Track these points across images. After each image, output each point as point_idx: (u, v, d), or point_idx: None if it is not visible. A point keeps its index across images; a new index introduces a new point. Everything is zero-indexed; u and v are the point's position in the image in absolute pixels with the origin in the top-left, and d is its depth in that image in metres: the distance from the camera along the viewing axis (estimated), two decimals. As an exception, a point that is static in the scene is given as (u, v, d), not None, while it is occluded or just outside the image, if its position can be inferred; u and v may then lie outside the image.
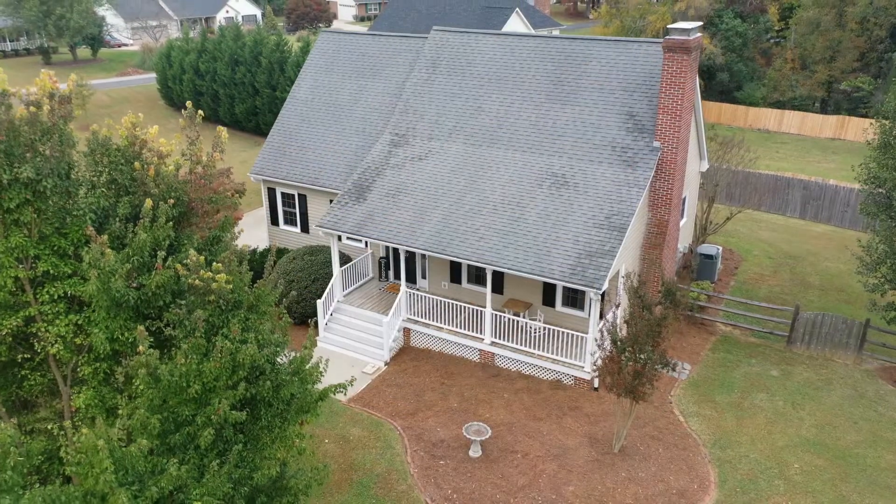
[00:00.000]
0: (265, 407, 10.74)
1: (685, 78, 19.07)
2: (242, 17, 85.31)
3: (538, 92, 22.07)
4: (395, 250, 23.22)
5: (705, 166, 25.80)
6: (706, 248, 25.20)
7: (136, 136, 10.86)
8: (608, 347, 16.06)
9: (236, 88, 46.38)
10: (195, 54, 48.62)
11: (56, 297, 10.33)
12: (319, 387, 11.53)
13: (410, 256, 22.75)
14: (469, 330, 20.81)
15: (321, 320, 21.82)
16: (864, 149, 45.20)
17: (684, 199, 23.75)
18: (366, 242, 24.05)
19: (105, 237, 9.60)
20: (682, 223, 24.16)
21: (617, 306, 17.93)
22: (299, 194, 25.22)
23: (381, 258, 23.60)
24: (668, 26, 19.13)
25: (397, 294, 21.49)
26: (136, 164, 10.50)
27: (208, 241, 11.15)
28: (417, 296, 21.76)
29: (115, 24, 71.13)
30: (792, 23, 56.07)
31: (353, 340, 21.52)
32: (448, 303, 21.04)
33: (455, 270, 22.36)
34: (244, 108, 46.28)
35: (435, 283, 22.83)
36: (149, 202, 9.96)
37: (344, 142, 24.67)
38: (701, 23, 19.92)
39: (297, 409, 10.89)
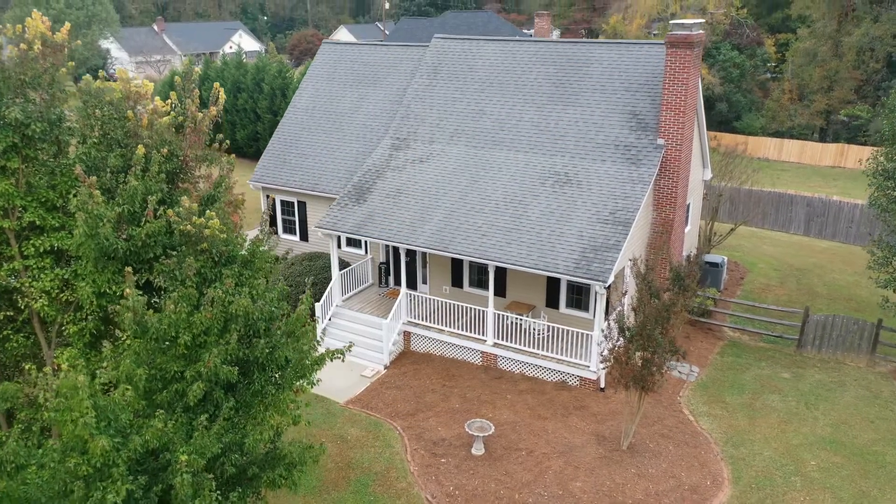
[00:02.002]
0: (259, 371, 10.22)
1: (688, 74, 18.96)
2: (246, 53, 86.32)
3: (540, 94, 21.97)
4: (396, 255, 22.84)
5: (708, 175, 25.57)
6: (711, 258, 24.82)
7: (131, 90, 10.58)
8: (616, 337, 15.54)
9: (238, 115, 46.53)
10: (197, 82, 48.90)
11: (42, 250, 9.90)
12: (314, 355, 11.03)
13: (411, 261, 22.35)
14: (471, 332, 20.29)
15: (319, 325, 21.31)
16: (865, 176, 45.27)
17: (688, 205, 23.45)
18: (365, 248, 23.69)
19: (94, 178, 9.22)
20: (686, 230, 23.82)
21: (624, 294, 17.46)
22: (298, 201, 24.93)
23: (381, 263, 23.19)
24: (671, 22, 19.11)
25: (397, 299, 21.00)
26: (130, 113, 10.19)
27: (203, 200, 10.77)
28: (418, 298, 21.29)
29: (119, 58, 71.94)
30: (789, 55, 56.69)
31: (351, 345, 20.92)
32: (449, 304, 20.55)
33: (456, 274, 21.93)
34: (245, 134, 46.38)
35: (436, 287, 22.37)
36: (141, 148, 9.61)
37: (344, 148, 24.50)
38: (703, 20, 19.91)
39: (293, 374, 10.36)
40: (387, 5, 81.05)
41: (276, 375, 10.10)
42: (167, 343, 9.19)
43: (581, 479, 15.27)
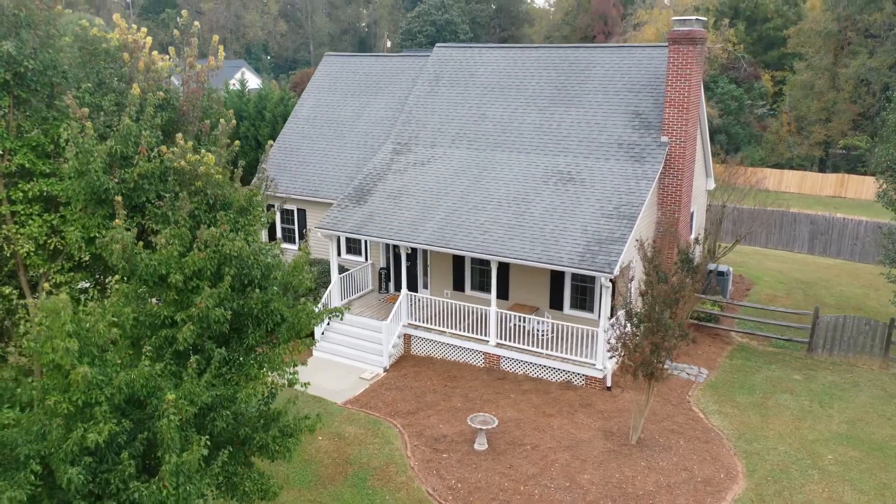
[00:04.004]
0: (254, 325, 9.76)
1: (691, 70, 18.89)
2: (249, 89, 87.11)
3: (542, 97, 21.90)
4: (396, 260, 22.46)
5: (712, 184, 25.39)
6: (717, 268, 24.40)
7: (128, 40, 10.35)
8: (623, 324, 15.08)
9: (239, 143, 46.57)
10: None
11: (32, 196, 9.52)
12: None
13: (412, 265, 21.98)
14: (473, 332, 19.77)
15: (317, 329, 20.81)
16: (867, 205, 45.16)
17: (692, 213, 23.16)
18: (365, 256, 23.32)
19: (86, 110, 8.91)
20: (691, 238, 23.47)
21: (631, 280, 17.01)
22: (298, 209, 24.66)
23: (381, 269, 22.80)
24: (673, 19, 19.14)
25: (397, 300, 20.52)
26: (126, 55, 9.94)
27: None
28: (418, 299, 20.83)
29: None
30: (786, 88, 57.23)
31: (350, 348, 20.41)
32: (450, 304, 20.08)
33: (458, 277, 21.53)
34: (247, 162, 46.15)
35: (437, 292, 21.93)
36: (136, 88, 9.32)
37: (345, 155, 24.34)
38: (705, 19, 19.96)
39: (289, 330, 9.89)
40: (388, 44, 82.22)
41: (271, 328, 9.63)
42: (157, 284, 8.76)
43: (589, 472, 14.62)
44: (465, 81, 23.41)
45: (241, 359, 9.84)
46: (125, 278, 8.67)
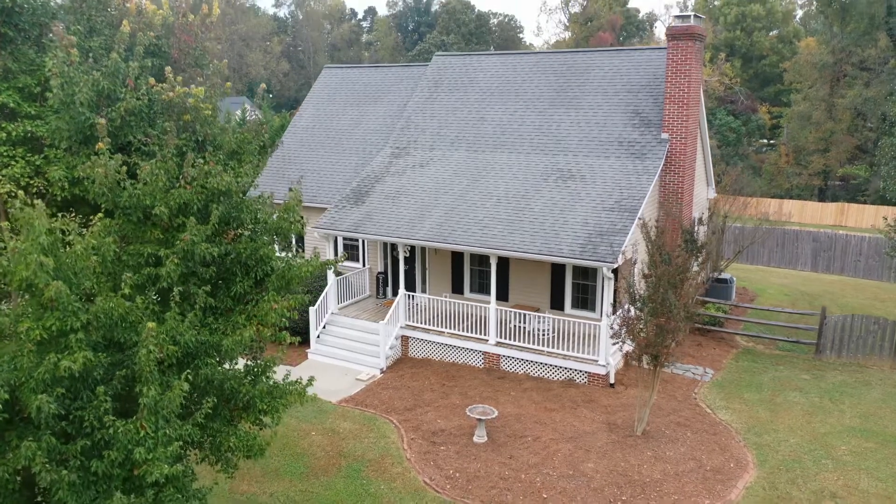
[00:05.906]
0: (242, 272, 9.36)
1: (691, 65, 18.82)
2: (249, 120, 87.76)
3: (541, 100, 21.82)
4: (395, 264, 22.06)
5: (713, 194, 25.16)
6: (720, 275, 24.01)
7: (121, -10, 10.20)
8: (626, 308, 14.64)
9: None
10: (200, 138, 49.43)
11: (16, 137, 9.20)
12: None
13: (410, 268, 21.58)
14: (473, 332, 19.26)
15: (313, 332, 20.31)
16: (868, 233, 44.95)
17: (694, 218, 22.83)
18: (363, 261, 22.94)
19: (73, 38, 8.67)
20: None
21: (634, 264, 16.60)
22: (295, 216, 24.33)
23: (378, 273, 22.39)
24: (672, 15, 19.16)
25: (395, 301, 20.05)
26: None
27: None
28: (416, 300, 20.38)
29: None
30: (784, 121, 57.57)
31: (347, 351, 19.88)
32: (449, 303, 19.62)
33: (457, 279, 21.11)
34: (245, 188, 46.34)
35: (436, 295, 21.43)
36: (126, 25, 9.10)
37: (344, 161, 24.16)
38: (703, 17, 19.99)
39: (279, 279, 9.47)
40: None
41: (260, 277, 9.22)
42: (140, 221, 8.39)
43: (593, 461, 14.00)
44: (464, 87, 23.39)
45: (227, 305, 9.40)
46: (108, 212, 8.32)
